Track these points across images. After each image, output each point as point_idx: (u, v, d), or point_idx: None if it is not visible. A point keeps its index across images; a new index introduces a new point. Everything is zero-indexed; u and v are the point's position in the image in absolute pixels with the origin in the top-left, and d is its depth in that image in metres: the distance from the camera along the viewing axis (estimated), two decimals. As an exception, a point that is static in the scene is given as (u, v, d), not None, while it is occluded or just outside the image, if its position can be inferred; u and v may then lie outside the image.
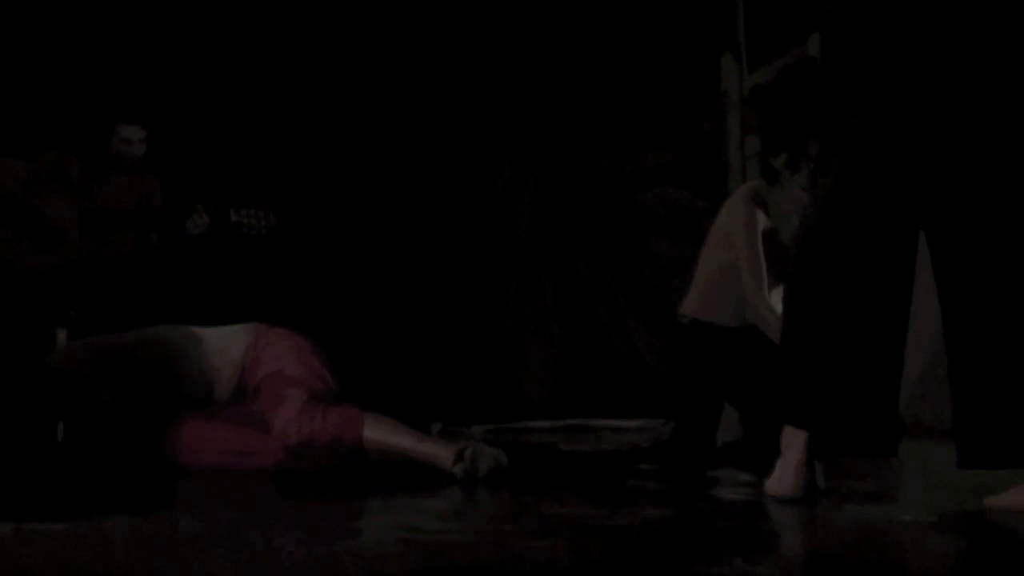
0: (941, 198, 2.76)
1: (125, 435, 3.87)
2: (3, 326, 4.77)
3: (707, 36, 6.67)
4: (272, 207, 5.36)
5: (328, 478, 3.45)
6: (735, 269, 4.33)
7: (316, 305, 5.77)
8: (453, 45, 6.54)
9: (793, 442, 2.87)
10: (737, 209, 4.40)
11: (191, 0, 6.23)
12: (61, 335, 4.82)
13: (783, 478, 2.87)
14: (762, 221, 4.32)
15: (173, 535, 2.51)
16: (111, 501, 3.04)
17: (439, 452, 3.49)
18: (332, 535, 2.43)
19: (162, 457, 3.75)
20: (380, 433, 3.55)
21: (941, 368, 2.82)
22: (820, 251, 2.84)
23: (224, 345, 3.88)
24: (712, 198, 5.73)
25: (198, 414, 3.80)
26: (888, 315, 2.80)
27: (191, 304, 4.37)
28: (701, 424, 4.50)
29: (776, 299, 4.12)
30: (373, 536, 2.36)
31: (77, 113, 5.54)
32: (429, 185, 6.49)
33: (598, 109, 6.70)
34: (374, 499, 2.94)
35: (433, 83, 6.52)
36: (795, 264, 2.94)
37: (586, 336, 6.67)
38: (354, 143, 6.42)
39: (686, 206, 6.47)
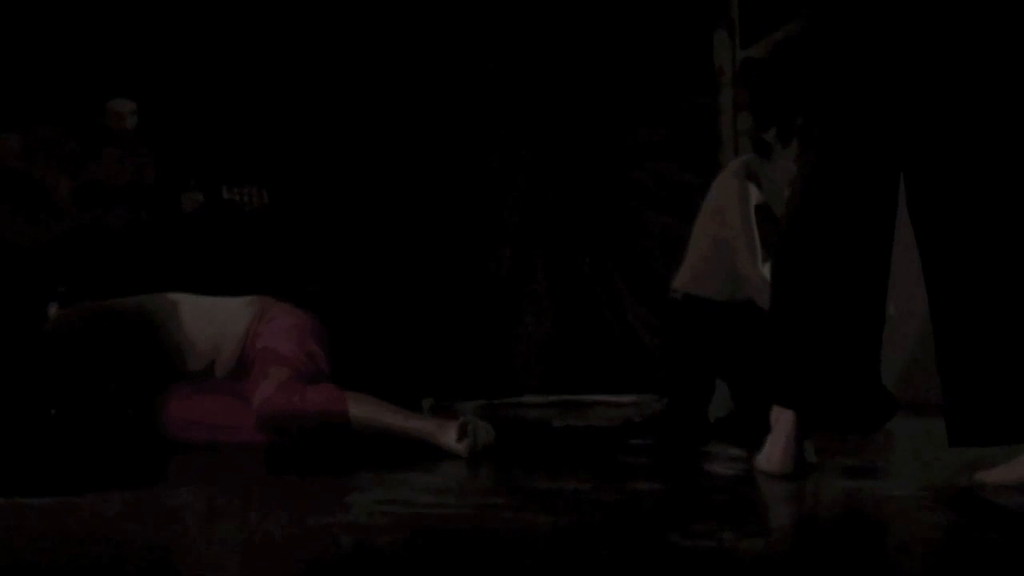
0: (922, 175, 2.77)
1: (121, 407, 3.87)
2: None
3: (700, 12, 6.65)
4: (264, 184, 5.35)
5: (319, 454, 3.46)
6: (727, 244, 4.33)
7: (309, 282, 5.77)
8: (447, 21, 6.52)
9: (783, 418, 2.88)
10: (729, 184, 4.40)
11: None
12: (52, 309, 4.82)
13: (773, 454, 2.88)
14: (754, 195, 4.32)
15: (165, 509, 2.51)
16: (104, 476, 3.04)
17: (429, 428, 3.50)
18: (324, 509, 2.43)
19: (155, 432, 3.76)
20: (366, 411, 3.55)
21: (933, 344, 2.82)
22: (802, 229, 2.85)
23: (228, 317, 3.88)
24: (705, 173, 5.73)
25: (186, 387, 3.80)
26: (866, 292, 2.81)
27: (183, 280, 4.36)
28: (693, 399, 4.51)
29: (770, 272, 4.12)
30: (365, 510, 2.36)
31: (70, 88, 5.52)
32: (422, 162, 6.48)
33: (591, 84, 6.68)
34: (365, 474, 2.95)
35: (427, 59, 6.51)
36: (780, 243, 2.95)
37: (578, 311, 6.67)
38: (347, 119, 6.41)
39: (679, 181, 6.47)
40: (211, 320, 3.88)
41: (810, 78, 2.87)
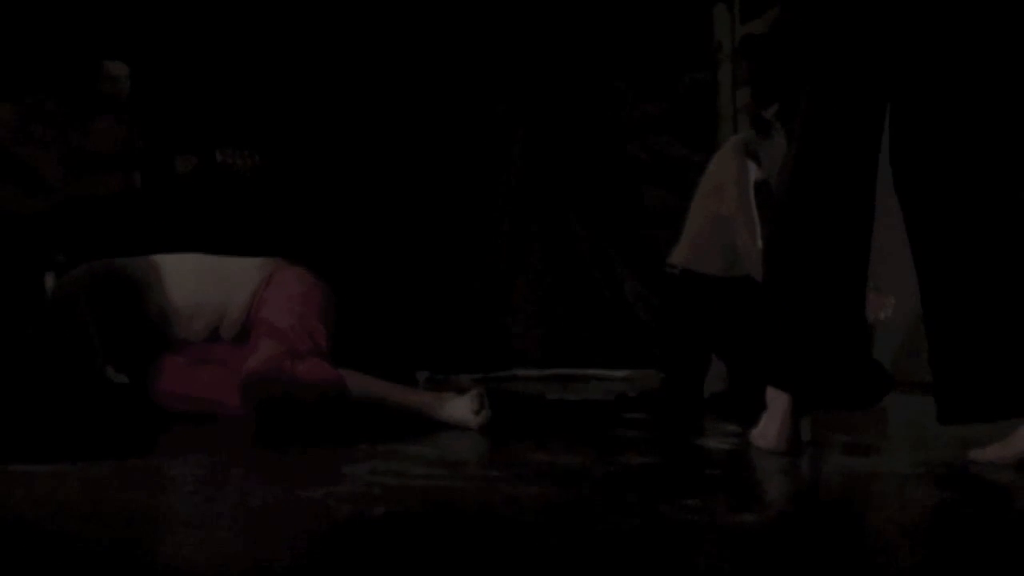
0: (908, 148, 2.77)
1: (122, 371, 3.86)
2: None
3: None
4: (258, 147, 5.34)
5: (312, 425, 3.46)
6: (725, 220, 4.33)
7: (302, 250, 5.76)
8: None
9: (779, 395, 2.89)
10: (728, 160, 4.39)
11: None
12: (49, 279, 4.81)
13: (769, 430, 2.89)
14: (754, 172, 4.32)
15: (160, 479, 2.52)
16: (97, 444, 3.05)
17: (427, 400, 3.50)
18: (319, 480, 2.43)
19: (149, 401, 3.76)
20: (360, 385, 3.54)
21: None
22: (791, 207, 2.86)
23: (236, 281, 3.85)
24: (703, 149, 5.72)
25: (183, 355, 3.79)
26: (850, 269, 2.82)
27: (179, 245, 4.34)
28: (689, 374, 4.52)
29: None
30: (360, 481, 2.37)
31: (60, 54, 5.50)
32: (419, 133, 6.47)
33: (589, 58, 6.67)
34: (361, 446, 2.95)
35: (425, 30, 6.48)
36: (771, 220, 2.96)
37: (575, 285, 6.67)
38: (344, 88, 6.39)
39: (676, 156, 6.47)
40: (217, 283, 3.84)
41: (793, 58, 2.89)
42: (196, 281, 3.84)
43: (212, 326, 3.83)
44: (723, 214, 4.34)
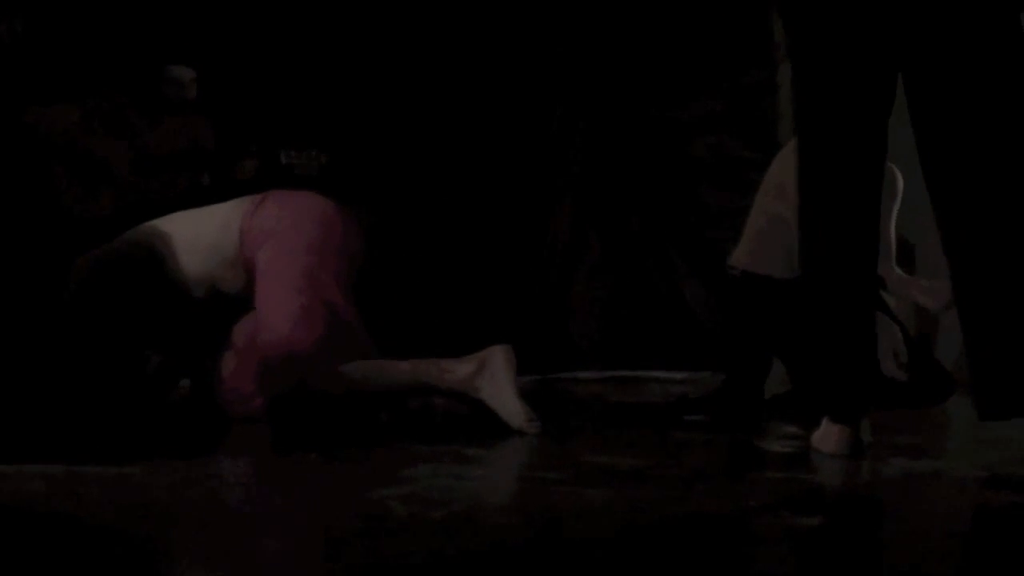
0: (931, 140, 2.75)
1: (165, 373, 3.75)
2: (53, 273, 4.80)
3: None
4: (323, 148, 5.37)
5: (368, 426, 3.46)
6: (786, 221, 4.29)
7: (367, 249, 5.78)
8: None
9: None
10: (790, 160, 4.35)
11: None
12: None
13: (829, 433, 2.86)
14: (814, 172, 4.28)
15: (219, 479, 2.54)
16: (149, 445, 3.07)
17: (436, 370, 3.32)
18: (376, 481, 2.44)
19: (214, 405, 3.55)
20: (365, 373, 3.30)
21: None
22: (809, 213, 2.89)
23: (214, 241, 3.51)
24: (762, 149, 5.68)
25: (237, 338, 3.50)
26: (858, 272, 2.83)
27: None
28: (749, 376, 4.49)
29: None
30: (418, 483, 2.37)
31: (127, 56, 5.55)
32: (481, 133, 6.47)
33: (648, 57, 6.64)
34: (420, 447, 2.96)
35: (487, 32, 6.49)
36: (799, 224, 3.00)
37: (634, 286, 6.65)
38: (408, 88, 6.40)
39: (736, 156, 6.43)
40: (201, 238, 3.54)
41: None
42: (194, 249, 3.54)
43: (210, 291, 3.55)
44: (785, 215, 4.30)
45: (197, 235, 3.56)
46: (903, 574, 1.70)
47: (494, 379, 3.31)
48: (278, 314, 3.31)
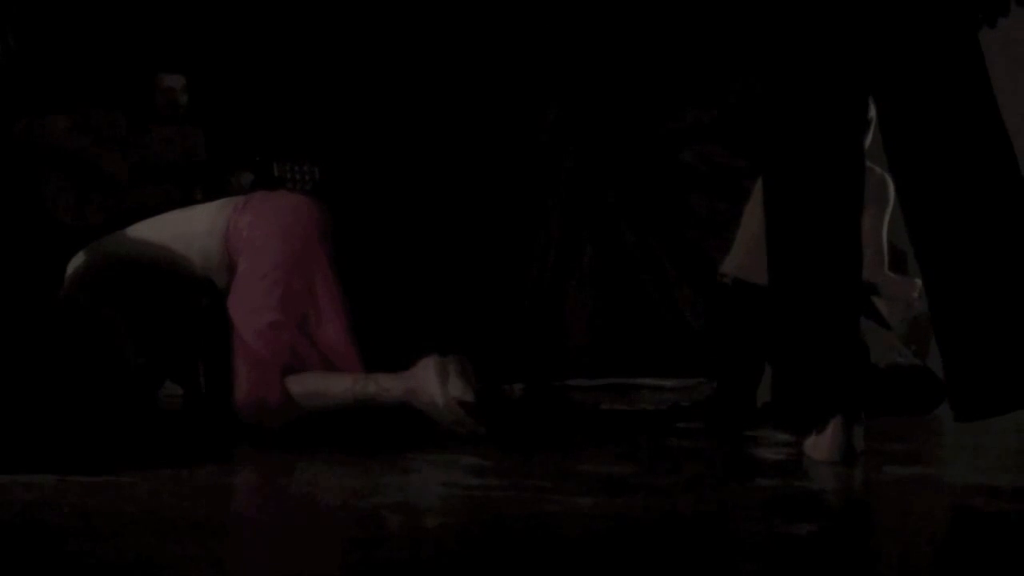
0: (901, 150, 2.78)
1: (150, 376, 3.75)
2: (46, 282, 4.78)
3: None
4: (317, 161, 5.37)
5: (366, 434, 3.46)
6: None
7: (356, 260, 5.78)
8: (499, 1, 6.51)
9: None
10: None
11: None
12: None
13: (821, 440, 2.87)
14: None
15: (208, 489, 2.53)
16: (144, 454, 3.06)
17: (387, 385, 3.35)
18: (368, 490, 2.44)
19: (230, 413, 3.53)
20: (308, 389, 3.35)
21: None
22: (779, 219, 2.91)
23: (202, 245, 3.56)
24: (753, 157, 5.69)
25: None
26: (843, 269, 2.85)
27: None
28: (741, 384, 4.49)
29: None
30: (411, 491, 2.37)
31: (119, 67, 5.55)
32: (472, 140, 6.48)
33: (641, 66, 6.65)
34: (413, 455, 2.96)
35: (478, 39, 6.50)
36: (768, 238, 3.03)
37: (626, 294, 6.66)
38: (399, 98, 6.41)
39: (728, 164, 6.44)
40: (187, 241, 3.58)
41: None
42: (191, 251, 3.60)
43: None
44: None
45: (188, 239, 3.61)
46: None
47: (426, 390, 3.30)
48: (239, 374, 3.38)
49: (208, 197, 5.22)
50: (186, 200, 5.20)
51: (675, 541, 1.92)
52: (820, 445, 2.87)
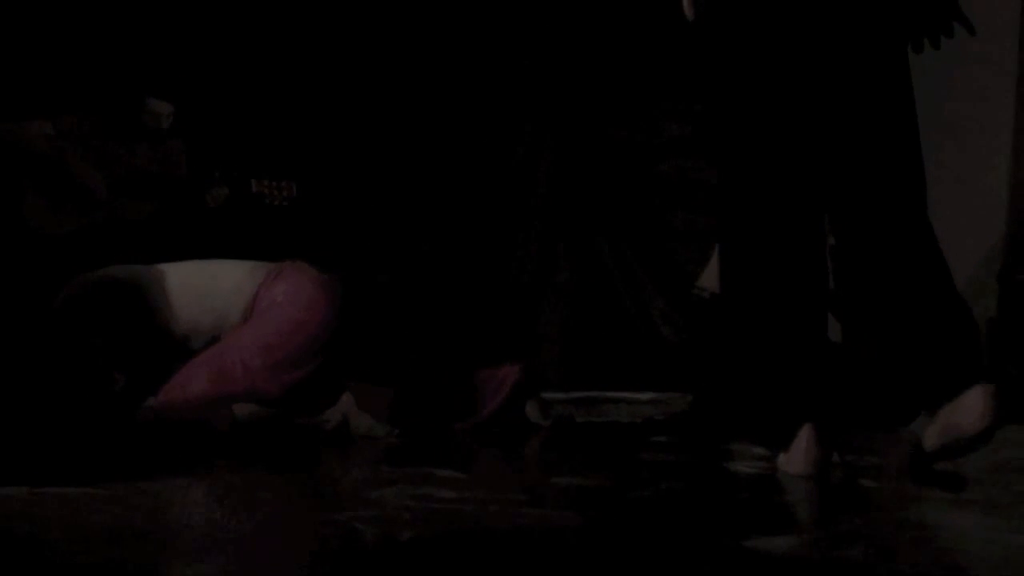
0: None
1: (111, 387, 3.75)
2: (20, 293, 4.75)
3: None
4: (293, 177, 5.36)
5: (338, 448, 3.44)
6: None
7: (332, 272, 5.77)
8: (476, 11, 6.51)
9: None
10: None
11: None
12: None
13: (795, 454, 2.87)
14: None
15: (184, 503, 2.52)
16: (116, 465, 3.04)
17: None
18: (346, 503, 2.43)
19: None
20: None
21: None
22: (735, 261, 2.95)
23: (223, 305, 3.65)
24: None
25: None
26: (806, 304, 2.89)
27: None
28: (717, 397, 4.50)
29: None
30: (386, 504, 2.36)
31: (102, 78, 5.53)
32: (446, 154, 6.48)
33: (616, 79, 6.67)
34: (387, 468, 2.95)
35: (453, 49, 6.50)
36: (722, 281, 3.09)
37: (602, 307, 6.66)
38: (373, 116, 6.41)
39: (704, 179, 6.46)
40: (212, 309, 3.65)
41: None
42: (195, 304, 3.68)
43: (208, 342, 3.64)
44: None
45: (207, 294, 3.67)
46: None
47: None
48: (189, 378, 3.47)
49: (184, 210, 5.21)
50: (162, 213, 5.18)
51: (650, 555, 1.92)
52: (794, 459, 2.86)
